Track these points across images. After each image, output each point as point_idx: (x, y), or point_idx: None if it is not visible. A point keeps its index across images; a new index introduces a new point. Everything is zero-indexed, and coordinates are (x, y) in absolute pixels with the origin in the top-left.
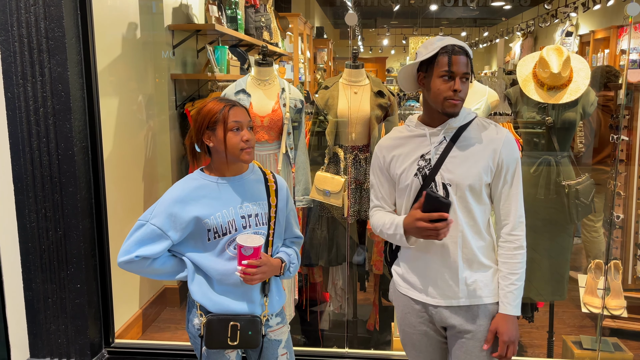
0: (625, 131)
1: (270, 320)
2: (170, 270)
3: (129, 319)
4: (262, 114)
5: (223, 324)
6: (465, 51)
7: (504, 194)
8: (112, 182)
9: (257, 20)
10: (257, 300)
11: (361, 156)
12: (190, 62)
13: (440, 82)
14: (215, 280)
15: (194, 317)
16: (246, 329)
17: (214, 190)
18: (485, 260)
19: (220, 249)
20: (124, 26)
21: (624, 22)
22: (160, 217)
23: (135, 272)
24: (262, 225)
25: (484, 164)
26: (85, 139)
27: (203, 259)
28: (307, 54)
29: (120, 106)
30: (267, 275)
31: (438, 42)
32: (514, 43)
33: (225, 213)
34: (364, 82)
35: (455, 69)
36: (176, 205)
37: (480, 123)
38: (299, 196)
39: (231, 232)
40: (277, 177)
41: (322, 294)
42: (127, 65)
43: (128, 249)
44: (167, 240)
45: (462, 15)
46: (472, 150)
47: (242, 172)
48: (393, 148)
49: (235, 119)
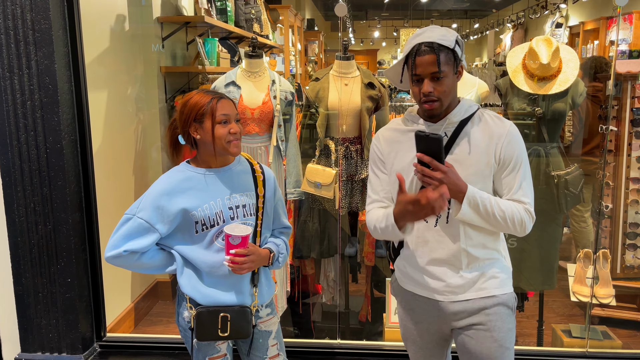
0: (614, 122)
1: (261, 311)
2: (159, 264)
3: (121, 312)
4: (252, 106)
5: (213, 316)
6: (433, 47)
7: (508, 181)
8: (102, 176)
9: (247, 12)
10: (246, 291)
11: (352, 148)
12: (180, 55)
13: (413, 85)
14: (204, 273)
15: (184, 310)
16: (236, 319)
17: (201, 182)
18: (491, 252)
19: (208, 241)
20: (112, 18)
21: (613, 13)
22: (147, 210)
23: (124, 266)
24: (250, 216)
25: (485, 161)
26: (74, 132)
27: (191, 252)
28: (298, 46)
29: (109, 99)
30: (255, 265)
31: (412, 39)
32: (505, 35)
33: (213, 204)
34: (354, 74)
35: (420, 71)
36: (163, 197)
37: (482, 116)
38: (290, 188)
39: (219, 224)
40: (264, 168)
41: (314, 286)
42: (115, 58)
43: (115, 244)
44: (155, 233)
45: (452, 7)
46: (473, 147)
47: (229, 163)
48: (391, 142)
49: (223, 112)
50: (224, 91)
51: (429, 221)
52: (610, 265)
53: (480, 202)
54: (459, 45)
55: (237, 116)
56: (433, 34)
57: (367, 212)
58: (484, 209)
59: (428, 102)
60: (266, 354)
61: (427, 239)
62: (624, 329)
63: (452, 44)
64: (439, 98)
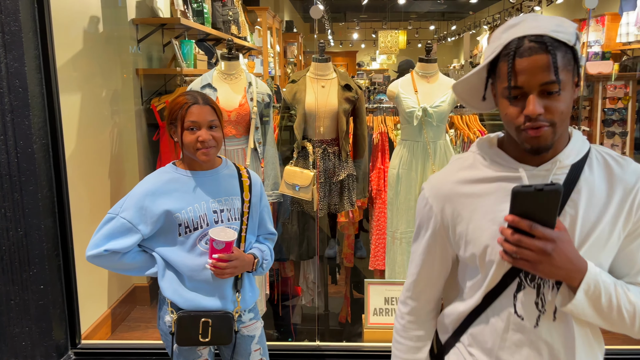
0: (586, 122)
1: (243, 316)
2: (140, 265)
3: (97, 319)
4: (229, 108)
5: (194, 321)
6: (545, 44)
7: (633, 255)
8: (77, 180)
9: (225, 14)
10: (229, 296)
11: (330, 150)
12: (156, 57)
13: (506, 103)
14: (186, 277)
15: (165, 314)
16: (218, 325)
17: (186, 184)
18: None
19: (191, 244)
20: (85, 20)
21: (585, 15)
22: (131, 211)
23: (104, 266)
24: (234, 221)
25: (610, 226)
26: (46, 136)
27: (174, 255)
28: (276, 48)
29: (83, 102)
30: (238, 271)
31: (505, 32)
32: (481, 36)
33: (197, 207)
34: (331, 76)
35: (524, 81)
36: (147, 198)
37: (598, 156)
38: (268, 191)
39: (202, 227)
40: (250, 173)
41: (294, 288)
42: (89, 60)
43: (97, 243)
44: (138, 234)
45: (430, 9)
46: (594, 204)
47: (215, 167)
48: (460, 196)
49: (191, 119)
50: None
51: (525, 317)
52: None
53: (604, 290)
54: (579, 41)
55: (213, 122)
56: (541, 23)
57: (397, 318)
58: (608, 300)
59: (535, 128)
60: (249, 359)
61: (521, 343)
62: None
63: (572, 39)
64: (553, 123)
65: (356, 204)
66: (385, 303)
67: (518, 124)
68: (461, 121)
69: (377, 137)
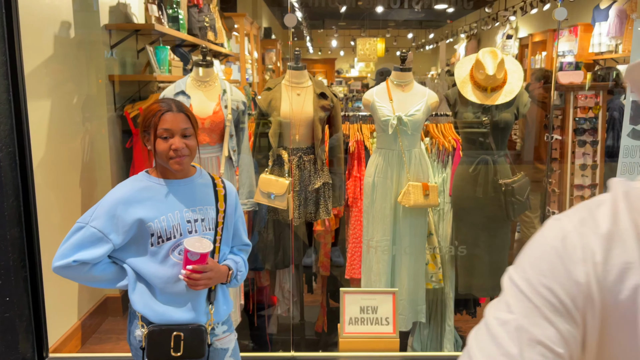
0: (559, 131)
1: (217, 328)
2: (111, 277)
3: (67, 331)
4: (202, 116)
5: (166, 335)
6: None
7: None
8: (46, 188)
9: (201, 20)
10: (202, 308)
11: (305, 158)
12: (130, 63)
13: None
14: (158, 289)
15: (136, 328)
16: (190, 339)
17: (159, 193)
18: None
19: (163, 255)
20: (55, 25)
21: (559, 25)
22: (101, 219)
23: (72, 278)
24: (208, 231)
25: None
26: (12, 144)
27: (145, 266)
28: (254, 54)
29: (53, 109)
30: (212, 282)
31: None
32: (459, 45)
33: (171, 217)
34: (306, 84)
35: None
36: (119, 206)
37: None
38: (243, 199)
39: (176, 237)
40: (225, 183)
41: (270, 298)
42: (60, 65)
43: (65, 253)
44: (108, 243)
45: (408, 17)
46: None
47: (189, 176)
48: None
49: (164, 127)
50: None
51: None
52: None
53: None
54: None
55: (187, 131)
56: None
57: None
58: None
59: None
60: None
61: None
62: None
63: None
64: None
65: (332, 212)
66: (361, 312)
67: None
68: (436, 129)
69: (353, 145)
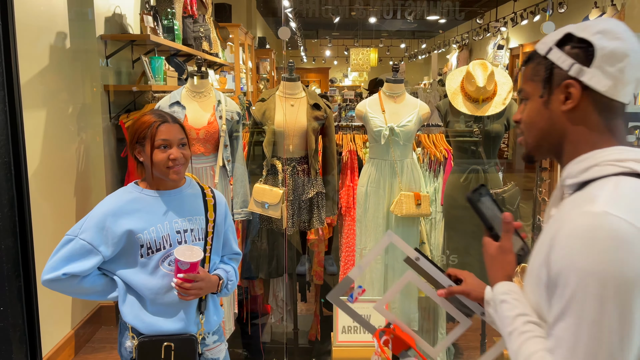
0: None
1: (207, 338)
2: (101, 290)
3: (60, 340)
4: (197, 126)
5: (156, 345)
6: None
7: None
8: (41, 198)
9: (196, 31)
10: (192, 318)
11: (299, 168)
12: (125, 73)
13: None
14: (148, 300)
15: (126, 339)
16: (181, 349)
17: (149, 204)
18: None
19: (153, 266)
20: (51, 35)
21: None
22: (91, 232)
23: (62, 291)
24: (198, 241)
25: (538, 267)
26: (7, 154)
27: (135, 277)
28: (249, 64)
29: (48, 118)
30: (203, 292)
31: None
32: (451, 55)
33: (160, 228)
34: (300, 95)
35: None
36: (108, 218)
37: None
38: (237, 209)
39: (165, 248)
40: (215, 192)
41: (264, 307)
42: (56, 75)
43: (54, 266)
44: (98, 255)
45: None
46: (540, 240)
47: (179, 186)
48: None
49: (162, 137)
50: (168, 111)
51: None
52: None
53: (501, 316)
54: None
55: (182, 140)
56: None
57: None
58: (502, 328)
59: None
60: None
61: None
62: None
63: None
64: (522, 130)
65: (326, 221)
66: (354, 321)
67: None
68: (428, 140)
69: (346, 155)
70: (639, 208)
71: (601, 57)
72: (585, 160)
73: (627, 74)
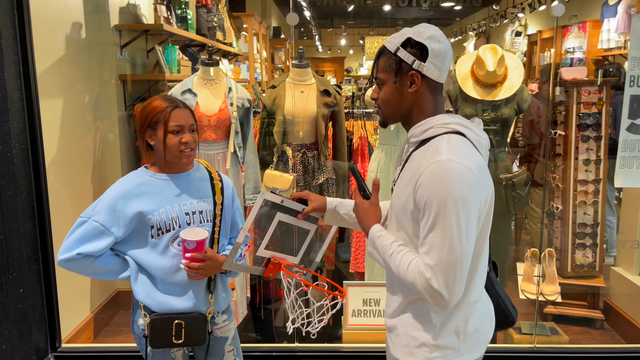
0: (562, 126)
1: (217, 317)
2: (114, 269)
3: (80, 323)
4: (209, 113)
5: (167, 323)
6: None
7: (420, 229)
8: (58, 184)
9: (210, 20)
10: (202, 297)
11: (309, 154)
12: (139, 63)
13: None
14: (159, 279)
15: (139, 317)
16: (191, 326)
17: (158, 187)
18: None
19: (163, 247)
20: (67, 26)
21: (568, 22)
22: (103, 214)
23: (77, 270)
24: (206, 223)
25: (405, 198)
26: (25, 141)
27: (146, 257)
28: (263, 53)
29: (65, 107)
30: (212, 271)
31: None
32: (468, 42)
33: (169, 209)
34: (310, 81)
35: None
36: (119, 201)
37: (433, 144)
38: (248, 195)
39: (175, 229)
40: (222, 176)
41: (276, 292)
42: (71, 65)
43: (69, 247)
44: (110, 236)
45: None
46: (401, 179)
47: (187, 170)
48: None
49: (176, 122)
50: (180, 99)
51: None
52: (562, 264)
53: (380, 247)
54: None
55: (193, 126)
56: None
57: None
58: (383, 256)
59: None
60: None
61: None
62: (576, 326)
63: (392, 48)
64: (379, 106)
65: None
66: (364, 305)
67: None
68: None
69: (357, 142)
70: (465, 154)
71: (431, 55)
72: (423, 124)
73: (446, 65)
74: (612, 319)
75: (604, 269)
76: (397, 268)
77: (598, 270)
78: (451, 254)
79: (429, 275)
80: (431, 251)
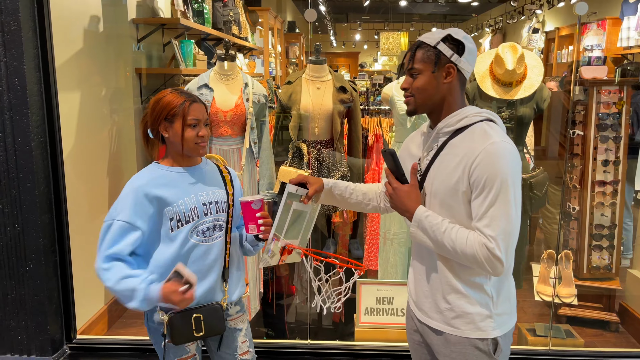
0: (581, 126)
1: (230, 309)
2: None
3: (94, 315)
4: (225, 108)
5: (186, 319)
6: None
7: (475, 206)
8: (75, 177)
9: (226, 15)
10: (217, 286)
11: (324, 150)
12: (156, 56)
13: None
14: None
15: (153, 312)
16: (209, 318)
17: (174, 180)
18: (468, 285)
19: (183, 238)
20: (85, 20)
21: (587, 19)
22: (126, 211)
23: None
24: (222, 212)
25: (455, 180)
26: (44, 134)
27: (166, 252)
28: (278, 48)
29: (82, 100)
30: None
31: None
32: (484, 39)
33: (187, 200)
34: (326, 78)
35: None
36: (138, 194)
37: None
38: (263, 190)
39: (194, 220)
40: (228, 168)
41: (289, 287)
42: (89, 59)
43: (105, 254)
44: (138, 230)
45: (432, 11)
46: (446, 163)
47: (198, 163)
48: None
49: (194, 117)
50: (196, 94)
51: None
52: (577, 266)
53: (429, 226)
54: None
55: (207, 120)
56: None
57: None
58: (434, 234)
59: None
60: (236, 351)
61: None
62: (591, 328)
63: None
64: (412, 94)
65: None
66: (377, 303)
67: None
68: None
69: (372, 139)
70: (507, 137)
71: (467, 52)
72: (457, 115)
73: (473, 64)
74: (627, 321)
75: (620, 271)
76: (454, 243)
77: (614, 273)
78: (510, 224)
79: (493, 245)
80: (492, 223)
